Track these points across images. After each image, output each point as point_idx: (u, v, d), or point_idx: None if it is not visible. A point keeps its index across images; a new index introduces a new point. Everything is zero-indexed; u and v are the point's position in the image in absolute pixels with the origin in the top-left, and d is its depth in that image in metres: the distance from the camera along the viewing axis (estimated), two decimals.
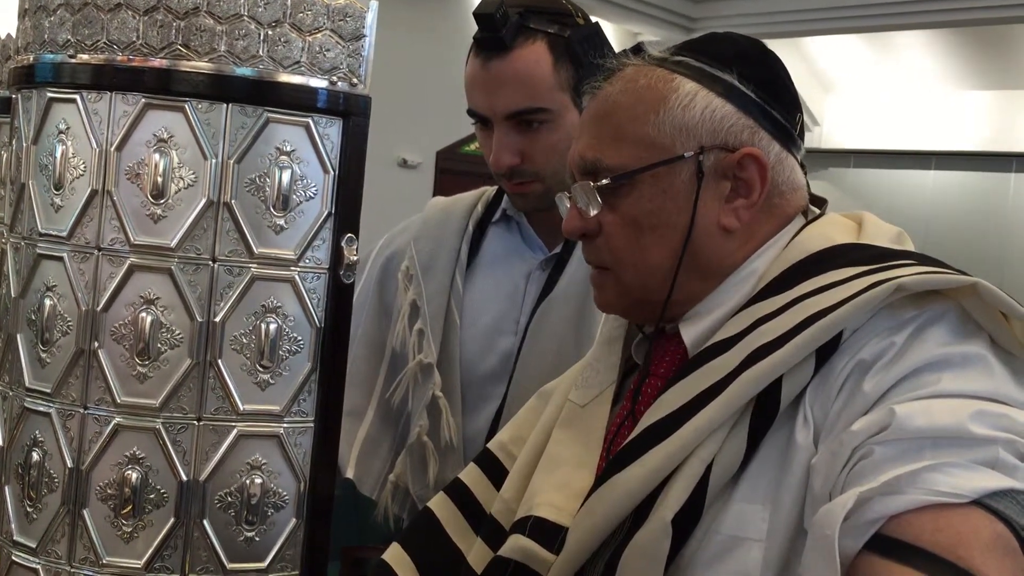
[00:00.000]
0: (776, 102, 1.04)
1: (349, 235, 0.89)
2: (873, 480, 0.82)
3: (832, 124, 10.41)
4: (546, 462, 1.08)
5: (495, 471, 1.16)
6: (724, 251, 1.03)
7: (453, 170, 8.16)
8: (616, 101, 1.04)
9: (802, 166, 1.08)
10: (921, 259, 0.96)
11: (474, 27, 1.46)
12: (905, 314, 0.91)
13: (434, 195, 1.89)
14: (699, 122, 1.01)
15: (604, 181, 1.02)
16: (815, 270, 0.97)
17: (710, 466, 0.91)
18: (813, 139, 10.45)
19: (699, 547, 0.91)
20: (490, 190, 1.65)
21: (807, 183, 1.09)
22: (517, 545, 1.01)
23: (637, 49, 1.09)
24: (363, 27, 0.88)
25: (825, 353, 0.91)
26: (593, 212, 1.03)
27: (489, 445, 1.20)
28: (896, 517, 0.81)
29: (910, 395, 0.86)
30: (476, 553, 1.10)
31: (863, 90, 10.10)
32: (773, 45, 1.09)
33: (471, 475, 1.18)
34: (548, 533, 1.00)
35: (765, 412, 0.91)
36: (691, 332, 1.03)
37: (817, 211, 1.09)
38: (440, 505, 1.17)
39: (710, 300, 1.03)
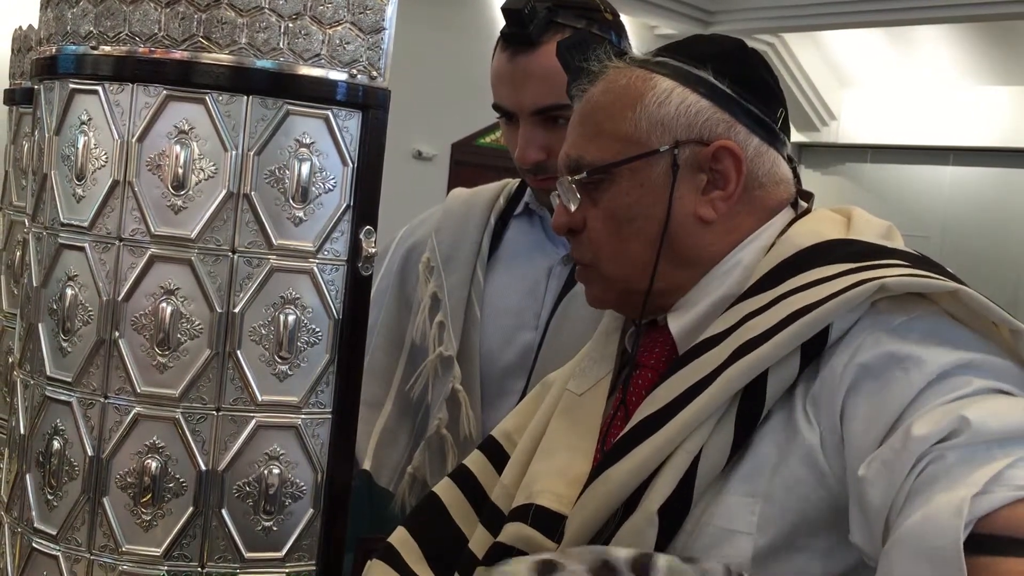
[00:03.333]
0: (754, 97, 1.06)
1: (367, 227, 0.89)
2: (959, 483, 0.80)
3: (849, 119, 10.36)
4: (544, 449, 1.11)
5: (499, 457, 1.19)
6: (703, 241, 1.05)
7: (468, 162, 8.16)
8: (598, 101, 1.08)
9: (790, 160, 1.10)
10: (909, 258, 0.97)
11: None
12: (895, 318, 0.92)
13: (449, 188, 1.89)
14: (674, 117, 1.04)
15: (581, 176, 1.06)
16: (803, 266, 0.98)
17: (697, 459, 0.93)
18: (830, 133, 10.40)
19: (689, 539, 0.93)
20: (512, 182, 1.65)
21: (796, 176, 1.11)
22: (520, 534, 1.04)
23: (621, 54, 1.13)
24: (383, 20, 0.88)
25: (811, 350, 0.92)
26: (573, 207, 1.08)
27: (493, 432, 1.23)
28: (985, 517, 0.79)
29: (948, 397, 0.86)
30: (477, 538, 1.12)
31: (881, 85, 10.05)
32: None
33: (475, 461, 1.21)
34: (550, 521, 1.03)
35: (752, 407, 0.93)
36: (677, 323, 1.05)
37: (805, 205, 1.10)
38: (445, 490, 1.20)
39: (696, 291, 1.06)
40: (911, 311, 0.92)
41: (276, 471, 0.87)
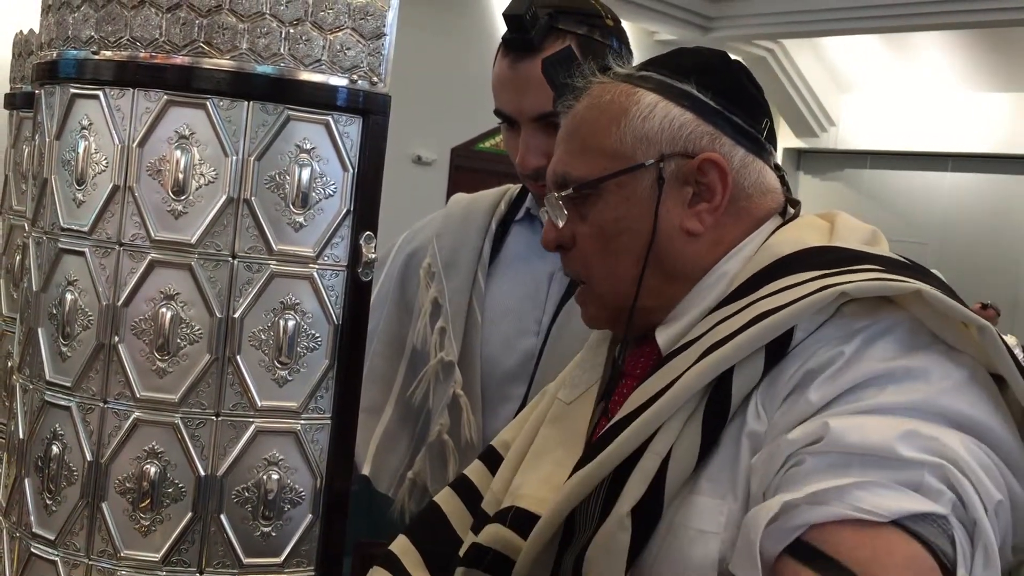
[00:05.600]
0: (738, 108, 1.07)
1: (367, 233, 0.89)
2: (801, 489, 0.85)
3: (848, 125, 10.37)
4: (532, 457, 1.12)
5: (497, 467, 1.19)
6: (690, 254, 1.05)
7: (468, 167, 8.17)
8: (583, 117, 1.09)
9: (777, 168, 1.10)
10: (887, 263, 0.98)
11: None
12: (857, 323, 0.93)
13: (449, 193, 1.90)
14: (658, 131, 1.04)
15: (567, 191, 1.07)
16: (779, 274, 0.99)
17: (666, 461, 0.94)
18: (829, 139, 10.41)
19: (663, 542, 0.95)
20: (513, 188, 1.65)
21: (785, 185, 1.11)
22: (497, 534, 1.06)
23: (605, 68, 1.13)
24: (384, 26, 0.88)
25: (776, 352, 0.93)
26: (560, 223, 1.08)
27: (493, 442, 1.25)
28: (818, 527, 0.84)
29: (847, 407, 0.89)
30: (466, 545, 1.12)
31: (880, 91, 10.06)
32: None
33: (475, 470, 1.22)
34: (527, 523, 1.04)
35: (718, 407, 0.94)
36: (665, 335, 1.06)
37: (792, 212, 1.11)
38: (446, 499, 1.21)
39: (683, 304, 1.06)
40: (876, 316, 0.93)
41: (275, 477, 0.87)
